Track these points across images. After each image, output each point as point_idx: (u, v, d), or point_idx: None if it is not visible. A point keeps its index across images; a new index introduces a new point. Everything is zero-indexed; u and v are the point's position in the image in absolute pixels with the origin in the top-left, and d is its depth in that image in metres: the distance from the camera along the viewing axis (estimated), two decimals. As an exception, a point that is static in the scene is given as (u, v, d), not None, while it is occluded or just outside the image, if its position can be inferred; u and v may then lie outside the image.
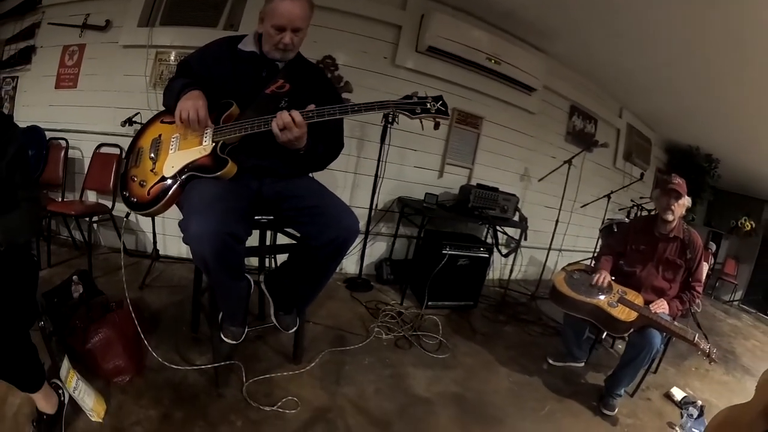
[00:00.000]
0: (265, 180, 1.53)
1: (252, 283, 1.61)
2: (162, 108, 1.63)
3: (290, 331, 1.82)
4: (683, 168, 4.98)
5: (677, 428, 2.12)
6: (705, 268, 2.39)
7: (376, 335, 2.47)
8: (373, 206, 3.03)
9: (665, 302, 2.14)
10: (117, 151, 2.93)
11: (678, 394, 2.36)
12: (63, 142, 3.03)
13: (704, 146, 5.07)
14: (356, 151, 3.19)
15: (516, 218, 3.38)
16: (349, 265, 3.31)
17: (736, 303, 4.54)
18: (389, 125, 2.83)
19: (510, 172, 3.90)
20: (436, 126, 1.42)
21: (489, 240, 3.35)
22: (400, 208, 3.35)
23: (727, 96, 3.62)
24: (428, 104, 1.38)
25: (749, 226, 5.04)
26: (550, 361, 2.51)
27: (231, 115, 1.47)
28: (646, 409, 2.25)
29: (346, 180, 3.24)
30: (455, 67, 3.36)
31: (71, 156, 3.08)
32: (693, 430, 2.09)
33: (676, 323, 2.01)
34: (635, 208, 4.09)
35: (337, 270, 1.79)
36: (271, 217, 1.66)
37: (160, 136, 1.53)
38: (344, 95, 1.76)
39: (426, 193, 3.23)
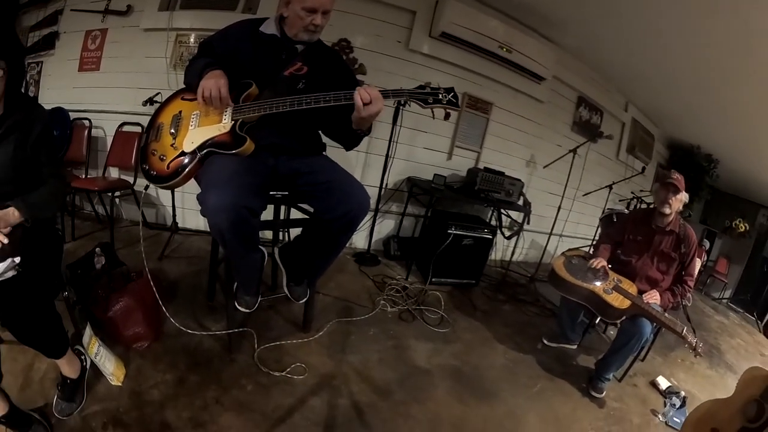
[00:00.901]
0: (282, 157, 1.54)
1: (266, 254, 1.61)
2: (183, 86, 1.62)
3: (301, 302, 1.85)
4: (683, 165, 4.90)
5: (660, 416, 2.14)
6: (698, 263, 2.38)
7: (382, 308, 2.50)
8: (384, 185, 3.03)
9: (657, 293, 2.14)
10: (138, 129, 2.94)
11: (663, 383, 2.37)
12: (86, 122, 3.05)
13: (705, 146, 4.98)
14: (368, 135, 3.16)
15: (520, 202, 3.36)
16: (359, 240, 3.33)
17: (725, 301, 4.50)
18: (402, 108, 2.79)
19: (516, 157, 3.87)
20: (446, 116, 1.43)
21: (493, 222, 3.34)
22: (409, 188, 3.35)
23: (731, 98, 3.54)
24: (440, 95, 1.37)
25: (743, 227, 4.95)
26: (545, 342, 2.53)
27: (250, 95, 1.47)
28: (632, 395, 2.27)
29: (358, 159, 3.24)
30: (468, 53, 3.30)
31: (94, 135, 3.10)
32: (674, 419, 2.11)
33: (666, 315, 2.02)
34: (635, 200, 4.05)
35: (347, 245, 1.80)
36: (286, 193, 1.67)
37: (180, 112, 1.53)
38: (358, 77, 1.73)
39: (435, 174, 3.22)
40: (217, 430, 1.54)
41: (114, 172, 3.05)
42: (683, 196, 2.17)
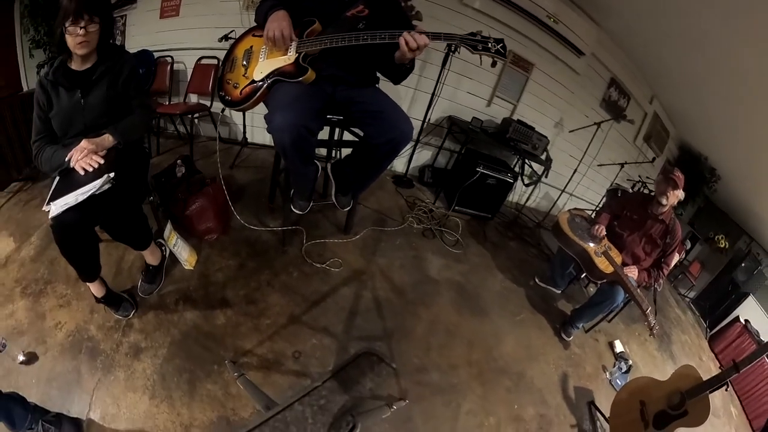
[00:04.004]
0: (339, 87, 1.52)
1: (320, 168, 1.65)
2: (254, 24, 1.59)
3: (345, 209, 1.88)
4: (688, 169, 4.38)
5: (607, 373, 2.18)
6: (676, 257, 2.30)
7: (409, 224, 2.52)
8: (426, 120, 2.98)
9: (637, 270, 2.13)
10: (215, 61, 2.93)
11: (618, 347, 2.38)
12: (169, 59, 3.07)
13: (712, 159, 4.47)
14: (419, 70, 3.04)
15: (543, 157, 3.26)
16: (399, 164, 3.31)
17: (687, 299, 4.30)
18: (452, 53, 2.66)
19: (547, 117, 3.65)
20: (493, 64, 1.36)
21: (516, 169, 3.26)
22: (449, 126, 3.28)
23: (750, 119, 3.13)
24: (490, 44, 1.29)
25: (723, 244, 4.56)
26: (536, 281, 2.57)
27: (314, 30, 1.44)
28: (592, 347, 2.30)
29: (407, 93, 3.16)
30: (516, 15, 3.05)
31: (176, 69, 3.12)
32: (617, 380, 2.14)
33: (638, 291, 2.01)
34: (640, 183, 3.89)
35: (388, 167, 1.80)
36: (340, 117, 1.67)
37: (251, 47, 1.53)
38: (414, 22, 1.61)
39: (473, 117, 3.16)
40: (265, 306, 1.69)
41: (193, 98, 3.10)
42: (680, 194, 2.10)
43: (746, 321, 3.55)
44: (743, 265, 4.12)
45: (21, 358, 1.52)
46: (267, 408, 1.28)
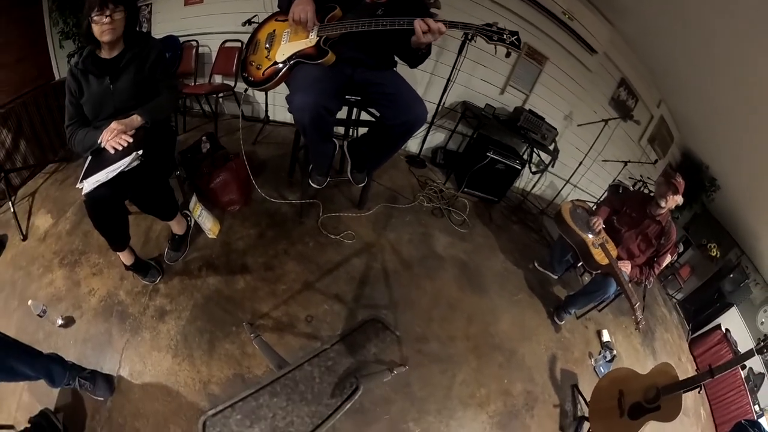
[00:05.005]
0: (358, 69, 1.52)
1: (337, 145, 1.66)
2: (276, 9, 1.58)
3: (359, 186, 1.90)
4: (688, 175, 4.23)
5: (592, 360, 2.19)
6: (668, 258, 2.26)
7: (420, 202, 2.51)
8: (441, 103, 2.92)
9: (630, 265, 2.11)
10: (238, 44, 2.90)
11: (605, 336, 2.38)
12: (194, 43, 3.04)
13: (713, 169, 4.28)
14: (435, 56, 2.98)
15: (551, 147, 3.21)
16: (412, 145, 3.26)
17: (674, 300, 4.23)
18: (468, 41, 2.59)
19: (557, 109, 3.57)
20: (507, 55, 1.32)
21: (525, 156, 3.22)
22: (462, 110, 3.23)
23: (755, 134, 3.00)
24: (505, 35, 1.27)
25: (715, 253, 4.43)
26: (535, 264, 2.56)
27: (334, 16, 1.44)
28: (581, 334, 2.31)
29: (423, 77, 3.10)
30: (533, 9, 2.96)
31: (201, 52, 3.09)
32: (601, 368, 2.16)
33: (630, 285, 2.00)
34: (641, 182, 3.79)
35: (402, 147, 1.78)
36: (358, 98, 1.66)
37: (274, 31, 1.53)
38: (432, 11, 1.56)
39: (486, 104, 3.12)
40: (282, 273, 1.74)
41: (218, 79, 3.08)
42: (679, 199, 2.07)
43: (727, 330, 3.51)
44: (731, 276, 4.04)
45: (60, 322, 1.59)
46: (279, 367, 1.33)
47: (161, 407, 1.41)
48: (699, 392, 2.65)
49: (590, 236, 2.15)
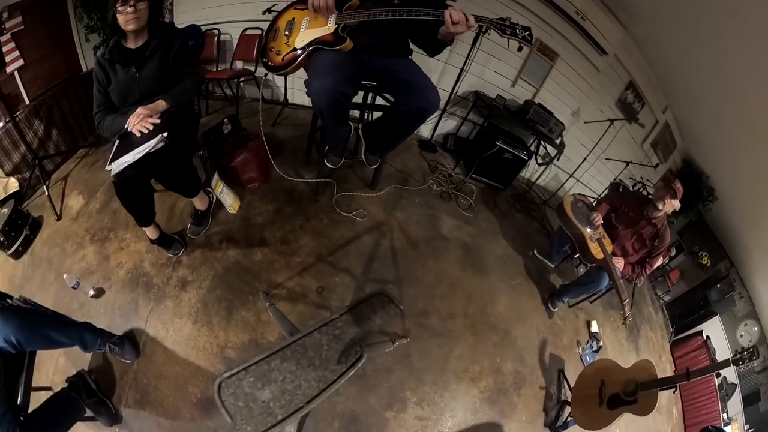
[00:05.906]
0: (375, 56, 1.50)
1: (352, 128, 1.65)
2: None
3: (372, 167, 1.90)
4: (688, 183, 4.08)
5: (579, 349, 2.20)
6: (660, 260, 2.24)
7: (429, 185, 2.49)
8: (454, 92, 2.90)
9: (623, 262, 2.11)
10: (259, 32, 2.87)
11: (594, 327, 2.37)
12: (216, 31, 3.01)
13: (713, 179, 4.12)
14: (450, 46, 2.90)
15: (557, 141, 3.18)
16: (425, 130, 3.23)
17: (662, 301, 4.19)
18: (482, 34, 2.56)
19: (566, 105, 3.50)
20: (519, 49, 1.31)
21: (532, 148, 3.18)
22: (474, 100, 3.19)
23: (758, 149, 2.89)
24: (517, 30, 1.25)
25: (705, 261, 4.33)
26: (535, 252, 2.55)
27: (352, 5, 1.42)
28: (571, 322, 2.31)
29: (437, 66, 3.04)
30: (546, 7, 2.89)
31: (222, 39, 3.05)
32: (587, 357, 2.17)
33: (621, 281, 2.00)
34: (641, 184, 3.73)
35: (415, 132, 1.77)
36: (374, 83, 1.65)
37: (293, 18, 1.51)
38: (448, 2, 1.53)
39: (497, 95, 3.09)
40: (297, 246, 1.77)
41: (239, 64, 3.07)
42: (677, 204, 2.03)
43: (707, 337, 3.48)
44: (718, 286, 3.97)
45: (92, 293, 1.67)
46: (291, 334, 1.37)
47: (181, 370, 1.48)
48: (674, 392, 2.65)
49: (589, 230, 2.15)
